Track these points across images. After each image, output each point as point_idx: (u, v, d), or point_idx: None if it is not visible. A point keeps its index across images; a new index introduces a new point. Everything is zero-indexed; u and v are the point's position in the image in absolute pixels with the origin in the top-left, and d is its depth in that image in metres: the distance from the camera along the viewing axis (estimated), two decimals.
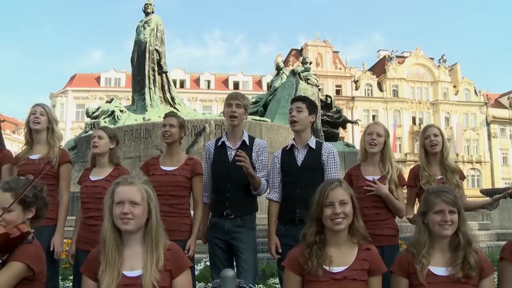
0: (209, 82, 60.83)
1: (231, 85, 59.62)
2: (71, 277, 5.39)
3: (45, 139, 4.38)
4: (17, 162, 4.36)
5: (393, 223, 4.13)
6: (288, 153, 4.17)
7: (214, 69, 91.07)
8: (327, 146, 4.20)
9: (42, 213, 2.92)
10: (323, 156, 4.09)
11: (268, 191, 4.20)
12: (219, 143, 4.26)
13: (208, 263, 5.04)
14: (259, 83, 59.84)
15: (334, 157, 4.10)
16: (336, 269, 2.70)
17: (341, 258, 2.75)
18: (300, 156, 4.11)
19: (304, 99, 4.27)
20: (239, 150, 3.94)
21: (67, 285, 5.39)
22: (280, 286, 5.22)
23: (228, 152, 4.19)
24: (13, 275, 2.55)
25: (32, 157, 4.31)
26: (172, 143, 4.25)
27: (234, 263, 4.08)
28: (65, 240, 4.45)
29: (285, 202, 4.07)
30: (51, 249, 4.05)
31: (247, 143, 4.21)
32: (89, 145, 9.71)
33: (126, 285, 2.45)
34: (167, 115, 4.43)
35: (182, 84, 56.21)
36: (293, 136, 4.28)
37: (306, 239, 2.80)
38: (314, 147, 4.12)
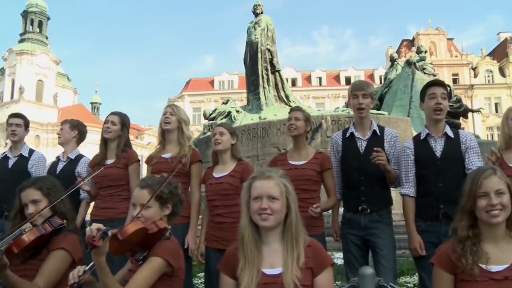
0: (320, 79, 60.62)
1: (342, 81, 59.03)
2: (199, 275, 5.48)
3: (176, 138, 4.45)
4: (151, 161, 4.48)
5: None
6: (422, 143, 3.83)
7: (324, 66, 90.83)
8: (465, 134, 3.85)
9: (177, 210, 2.93)
10: (463, 145, 3.73)
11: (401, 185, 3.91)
12: (347, 134, 4.08)
13: (337, 262, 4.90)
14: (371, 77, 58.53)
15: (475, 146, 3.73)
16: (494, 268, 2.40)
17: (500, 256, 2.43)
18: (438, 146, 3.77)
19: (444, 84, 3.94)
20: (376, 148, 3.73)
21: (195, 282, 5.46)
22: (409, 286, 4.96)
23: (358, 143, 3.99)
24: (154, 270, 2.56)
25: (164, 155, 4.42)
26: (298, 137, 4.16)
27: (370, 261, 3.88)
28: None
29: (425, 197, 3.74)
30: (186, 246, 4.09)
31: (378, 132, 3.99)
32: (208, 146, 9.93)
33: (266, 284, 2.34)
34: (292, 109, 4.33)
35: (293, 83, 56.32)
36: (425, 125, 3.94)
37: (457, 233, 2.51)
38: (453, 136, 3.78)
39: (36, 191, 2.95)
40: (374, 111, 14.06)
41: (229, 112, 14.46)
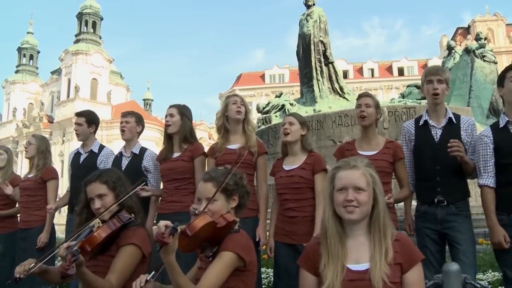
0: (372, 70, 59.80)
1: (395, 72, 58.03)
2: (263, 269, 5.38)
3: (242, 128, 4.36)
4: (214, 154, 4.40)
5: None
6: (502, 131, 3.55)
7: (376, 57, 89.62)
8: None
9: (245, 202, 2.79)
10: None
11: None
12: (421, 122, 3.88)
13: None
14: (425, 67, 56.44)
15: None
16: None
17: None
18: None
19: None
20: (452, 140, 3.52)
21: (262, 276, 5.37)
22: (483, 284, 4.71)
23: (433, 132, 3.79)
24: (226, 266, 2.45)
25: (230, 147, 4.33)
26: (369, 125, 3.97)
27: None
28: None
29: (508, 188, 3.46)
30: (257, 239, 4.01)
31: (454, 120, 3.79)
32: (263, 139, 9.82)
33: (352, 280, 2.17)
34: (361, 96, 4.14)
35: (345, 75, 55.59)
36: (503, 111, 3.68)
37: None
38: None
39: (101, 185, 2.88)
40: None
41: (283, 105, 14.35)
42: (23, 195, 5.49)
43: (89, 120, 5.38)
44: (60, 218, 11.10)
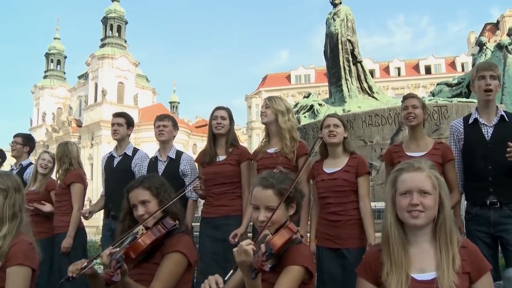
0: (399, 69, 59.22)
1: (422, 70, 57.36)
2: None
3: (277, 131, 4.29)
4: (256, 157, 4.37)
5: None
6: None
7: (402, 55, 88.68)
8: None
9: (300, 209, 2.66)
10: None
11: None
12: (471, 120, 3.76)
13: None
14: (452, 65, 56.52)
15: None
16: None
17: None
18: None
19: None
20: (510, 143, 3.36)
21: None
22: None
23: (484, 130, 3.67)
24: (295, 281, 2.33)
25: (269, 150, 4.29)
26: (416, 126, 3.87)
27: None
28: None
29: None
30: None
31: (506, 118, 3.64)
32: None
33: None
34: (407, 97, 4.05)
35: (371, 74, 54.73)
36: None
37: None
38: None
39: (144, 191, 2.80)
40: (464, 99, 13.40)
41: (312, 106, 14.20)
42: (55, 201, 5.51)
43: (129, 121, 5.39)
44: (92, 221, 11.12)
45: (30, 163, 6.24)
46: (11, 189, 2.71)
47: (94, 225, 15.02)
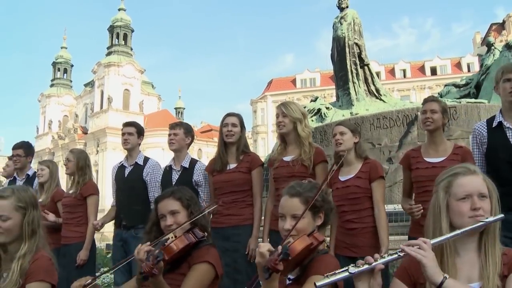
0: (404, 71, 59.11)
1: (428, 71, 57.22)
2: None
3: (294, 139, 4.17)
4: (272, 165, 4.28)
5: None
6: None
7: (407, 57, 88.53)
8: None
9: (329, 220, 2.57)
10: None
11: None
12: (494, 123, 3.63)
13: None
14: (458, 66, 56.33)
15: None
16: None
17: None
18: None
19: None
20: None
21: None
22: None
23: (508, 134, 3.54)
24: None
25: (285, 158, 4.17)
26: (435, 131, 3.78)
27: None
28: None
29: None
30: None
31: None
32: None
33: None
34: (427, 100, 3.95)
35: (377, 76, 54.99)
36: None
37: None
38: None
39: (175, 202, 2.77)
40: (473, 100, 13.32)
41: (319, 109, 14.18)
42: (64, 211, 5.42)
43: (139, 130, 5.32)
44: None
45: (35, 172, 6.13)
46: (29, 206, 2.68)
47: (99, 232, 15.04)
